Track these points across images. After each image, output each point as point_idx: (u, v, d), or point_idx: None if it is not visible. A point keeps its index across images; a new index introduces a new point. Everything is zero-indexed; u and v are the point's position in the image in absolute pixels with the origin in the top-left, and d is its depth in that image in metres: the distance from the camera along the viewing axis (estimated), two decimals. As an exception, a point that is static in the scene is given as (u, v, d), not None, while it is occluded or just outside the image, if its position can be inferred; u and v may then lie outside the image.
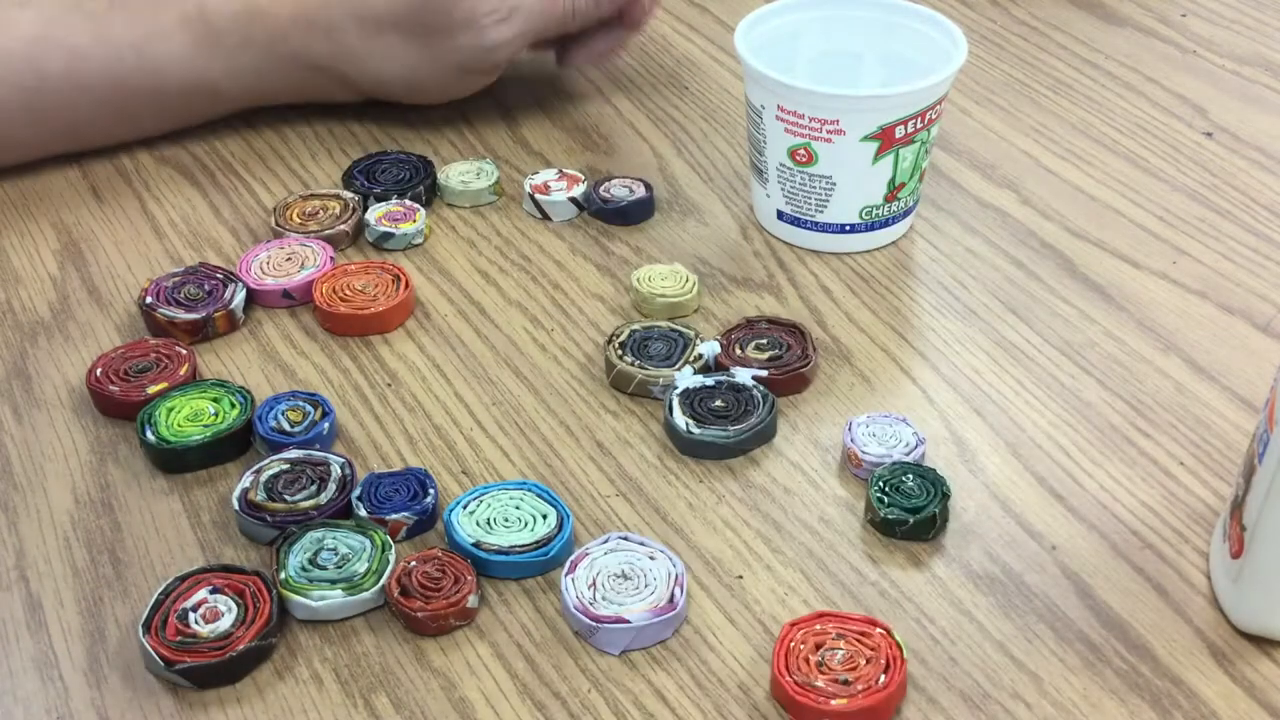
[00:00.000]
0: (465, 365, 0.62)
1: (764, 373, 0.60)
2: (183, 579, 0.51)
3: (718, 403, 0.58)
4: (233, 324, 0.64)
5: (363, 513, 0.54)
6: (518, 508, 0.54)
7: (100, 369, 0.60)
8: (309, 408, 0.58)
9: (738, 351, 0.61)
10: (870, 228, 0.68)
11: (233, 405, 0.58)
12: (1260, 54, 0.87)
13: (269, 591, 0.50)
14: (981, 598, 0.51)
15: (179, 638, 0.49)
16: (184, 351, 0.61)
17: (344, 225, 0.70)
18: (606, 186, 0.72)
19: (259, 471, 0.55)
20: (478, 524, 0.53)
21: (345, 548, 0.52)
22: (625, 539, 0.52)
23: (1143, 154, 0.77)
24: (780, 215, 0.69)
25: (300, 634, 0.50)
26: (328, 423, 0.58)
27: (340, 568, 0.51)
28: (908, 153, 0.66)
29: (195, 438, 0.56)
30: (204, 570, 0.51)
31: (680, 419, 0.57)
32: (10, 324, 0.65)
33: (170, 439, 0.57)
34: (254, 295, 0.65)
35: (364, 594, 0.50)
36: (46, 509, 0.55)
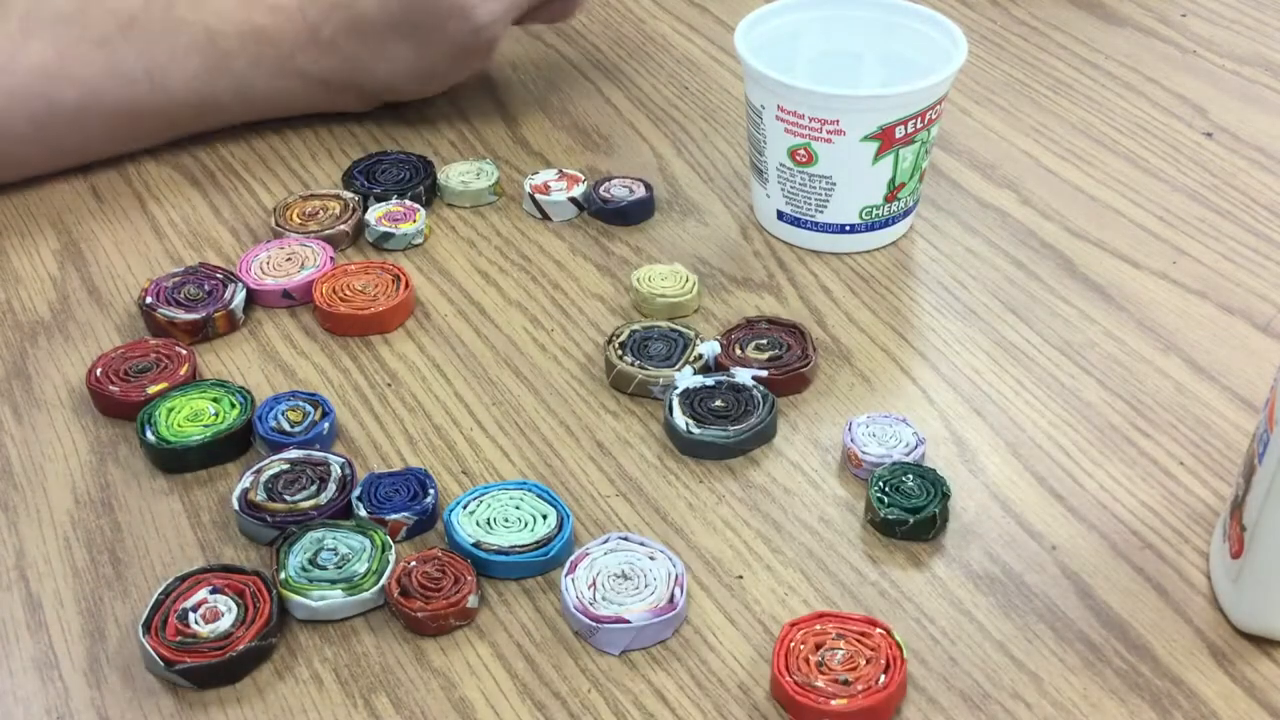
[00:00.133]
0: (465, 365, 0.62)
1: (764, 373, 0.60)
2: (183, 579, 0.51)
3: (718, 403, 0.58)
4: (233, 324, 0.64)
5: (363, 513, 0.54)
6: (518, 508, 0.54)
7: (100, 369, 0.60)
8: (309, 408, 0.58)
9: (738, 351, 0.61)
10: (870, 228, 0.68)
11: (233, 405, 0.58)
12: (1260, 54, 0.87)
13: (269, 591, 0.50)
14: (981, 598, 0.51)
15: (179, 638, 0.49)
16: (184, 351, 0.61)
17: (344, 225, 0.70)
18: (606, 186, 0.72)
19: (259, 471, 0.55)
20: (478, 524, 0.53)
21: (345, 548, 0.52)
22: (625, 539, 0.52)
23: (1143, 154, 0.77)
24: (780, 215, 0.69)
25: (300, 634, 0.50)
26: (328, 423, 0.58)
27: (340, 568, 0.51)
28: (908, 153, 0.66)
29: (195, 438, 0.56)
30: (204, 570, 0.51)
31: (680, 419, 0.57)
32: (10, 324, 0.65)
33: (170, 439, 0.57)
34: (254, 295, 0.65)
35: (364, 594, 0.50)
36: (46, 509, 0.55)
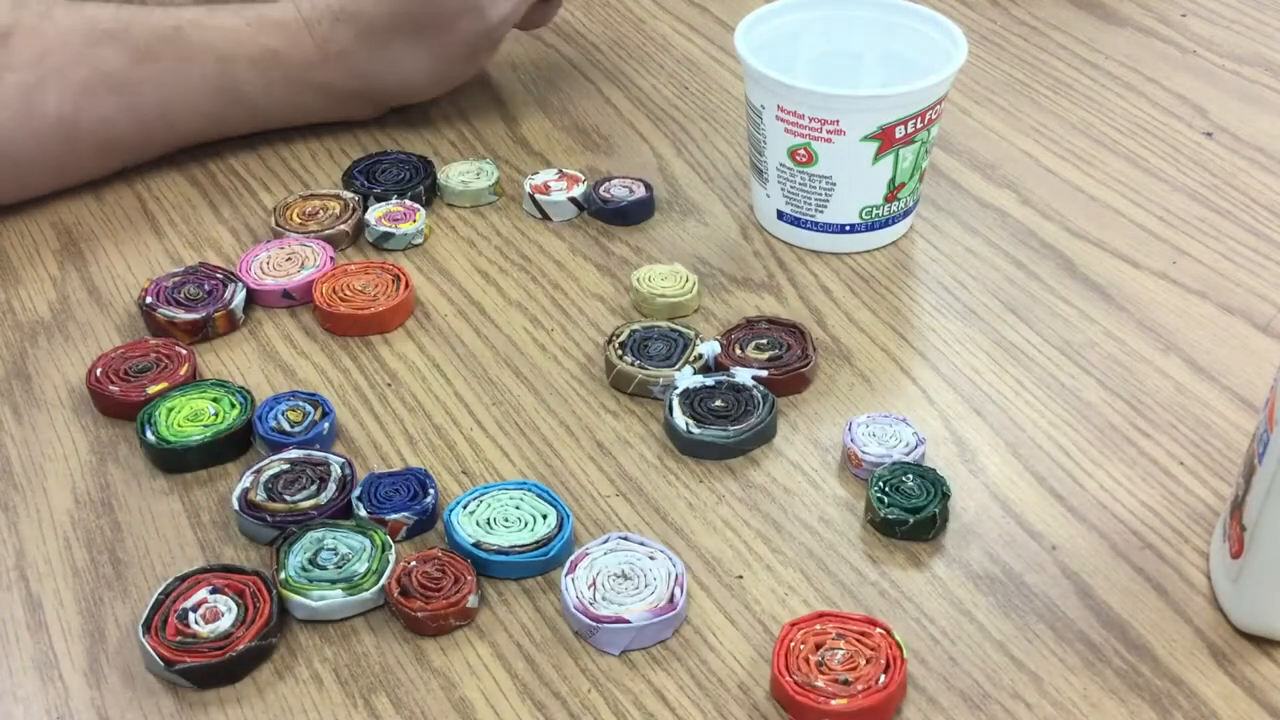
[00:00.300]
0: (465, 365, 0.62)
1: (764, 373, 0.60)
2: (183, 579, 0.51)
3: (718, 403, 0.58)
4: (233, 324, 0.64)
5: (363, 513, 0.54)
6: (518, 508, 0.54)
7: (100, 369, 0.60)
8: (309, 408, 0.58)
9: (738, 351, 0.61)
10: (870, 228, 0.68)
11: (233, 405, 0.58)
12: (1260, 54, 0.87)
13: (269, 591, 0.50)
14: (981, 598, 0.51)
15: (179, 638, 0.49)
16: (184, 351, 0.61)
17: (344, 225, 0.70)
18: (606, 186, 0.72)
19: (259, 471, 0.55)
20: (478, 524, 0.53)
21: (345, 548, 0.52)
22: (625, 539, 0.52)
23: (1143, 154, 0.77)
24: (780, 215, 0.69)
25: (300, 634, 0.50)
26: (328, 423, 0.58)
27: (340, 568, 0.51)
28: (908, 153, 0.66)
29: (195, 438, 0.56)
30: (204, 570, 0.51)
31: (680, 419, 0.57)
32: (10, 324, 0.65)
33: (170, 439, 0.57)
34: (254, 295, 0.65)
35: (364, 594, 0.50)
36: (46, 509, 0.55)
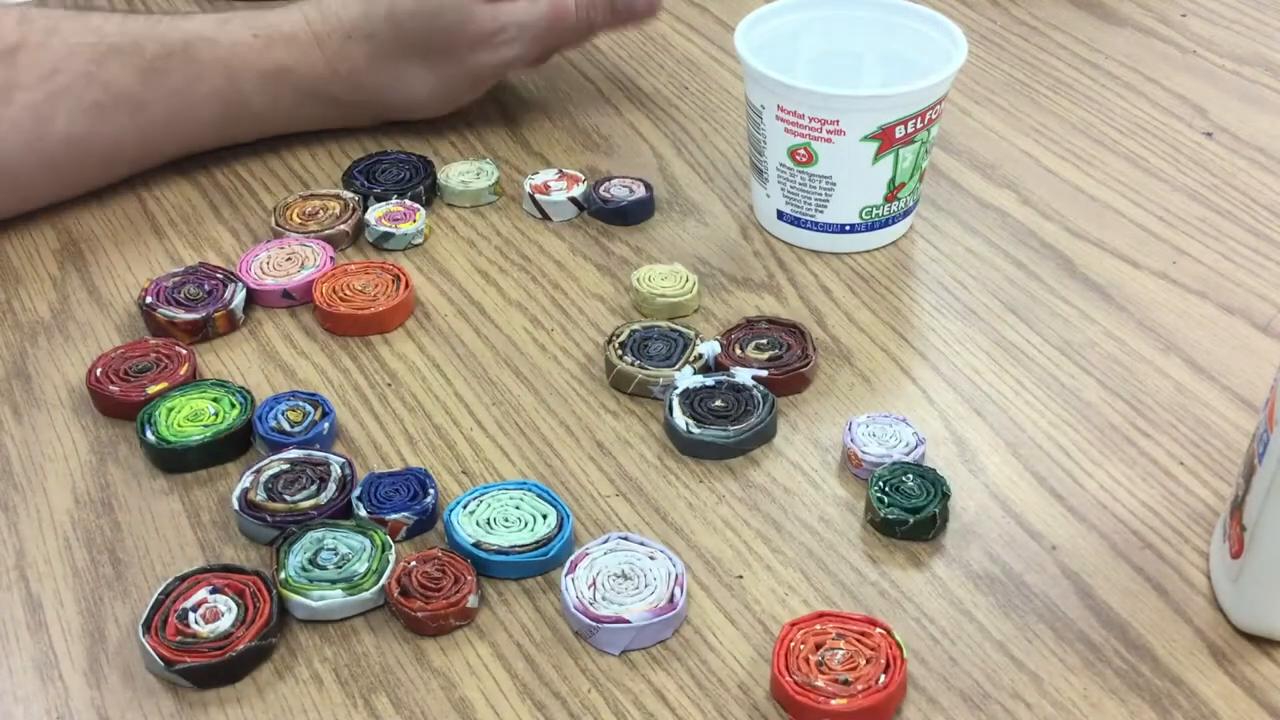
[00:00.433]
0: (465, 365, 0.62)
1: (764, 373, 0.60)
2: (183, 579, 0.51)
3: (718, 403, 0.58)
4: (233, 324, 0.64)
5: (363, 513, 0.54)
6: (518, 508, 0.54)
7: (100, 369, 0.60)
8: (309, 408, 0.58)
9: (738, 351, 0.61)
10: (870, 228, 0.68)
11: (233, 405, 0.58)
12: (1260, 54, 0.87)
13: (269, 591, 0.50)
14: (981, 598, 0.51)
15: (179, 638, 0.49)
16: (184, 351, 0.61)
17: (344, 225, 0.70)
18: (606, 186, 0.72)
19: (259, 471, 0.55)
20: (478, 524, 0.53)
21: (345, 548, 0.52)
22: (625, 539, 0.52)
23: (1143, 154, 0.77)
24: (780, 215, 0.69)
25: (300, 634, 0.50)
26: (328, 423, 0.58)
27: (340, 568, 0.51)
28: (908, 153, 0.66)
29: (195, 438, 0.56)
30: (204, 570, 0.51)
31: (680, 419, 0.57)
32: (10, 324, 0.65)
33: (170, 439, 0.57)
34: (254, 295, 0.65)
35: (364, 594, 0.50)
36: (46, 509, 0.55)
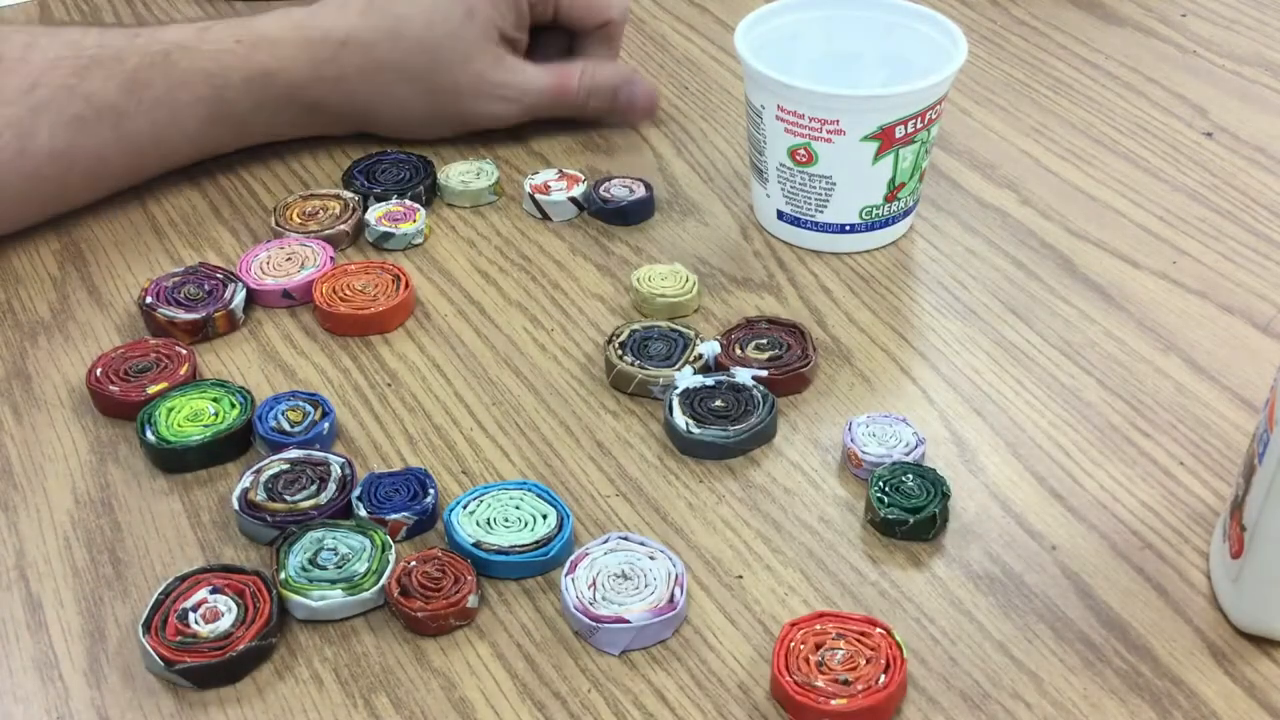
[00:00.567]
0: (465, 365, 0.62)
1: (764, 373, 0.60)
2: (183, 579, 0.51)
3: (718, 403, 0.58)
4: (233, 324, 0.64)
5: (363, 513, 0.54)
6: (518, 508, 0.54)
7: (100, 369, 0.60)
8: (309, 408, 0.58)
9: (738, 351, 0.61)
10: (870, 228, 0.68)
11: (233, 405, 0.58)
12: (1260, 54, 0.87)
13: (269, 591, 0.50)
14: (981, 598, 0.51)
15: (179, 638, 0.49)
16: (184, 351, 0.61)
17: (344, 225, 0.70)
18: (606, 186, 0.72)
19: (259, 471, 0.55)
20: (478, 524, 0.53)
21: (345, 548, 0.52)
22: (625, 539, 0.52)
23: (1143, 154, 0.77)
24: (780, 215, 0.69)
25: (300, 634, 0.50)
26: (328, 423, 0.58)
27: (340, 568, 0.51)
28: (908, 153, 0.66)
29: (195, 438, 0.56)
30: (204, 570, 0.51)
31: (680, 419, 0.57)
32: (10, 324, 0.65)
33: (170, 439, 0.57)
34: (254, 295, 0.65)
35: (364, 594, 0.50)
36: (46, 509, 0.55)
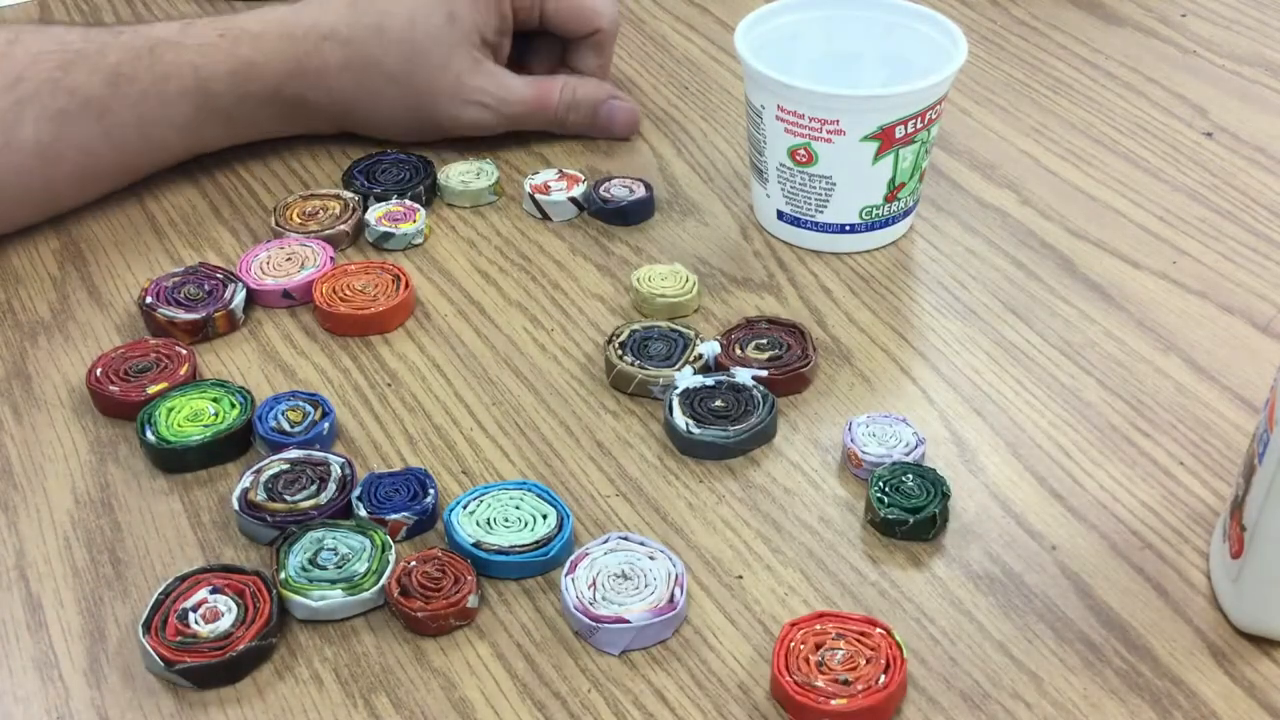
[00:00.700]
0: (465, 365, 0.62)
1: (764, 373, 0.60)
2: (183, 579, 0.51)
3: (718, 403, 0.58)
4: (233, 324, 0.64)
5: (363, 513, 0.54)
6: (518, 508, 0.54)
7: (100, 369, 0.60)
8: (309, 408, 0.58)
9: (738, 351, 0.61)
10: (870, 228, 0.68)
11: (233, 405, 0.58)
12: (1260, 54, 0.87)
13: (269, 591, 0.50)
14: (981, 598, 0.51)
15: (179, 638, 0.49)
16: (184, 351, 0.61)
17: (344, 225, 0.70)
18: (606, 186, 0.72)
19: (259, 471, 0.55)
20: (478, 524, 0.53)
21: (345, 548, 0.52)
22: (625, 539, 0.52)
23: (1143, 154, 0.77)
24: (780, 215, 0.69)
25: (300, 634, 0.50)
26: (328, 423, 0.58)
27: (340, 568, 0.51)
28: (908, 153, 0.66)
29: (195, 438, 0.56)
30: (204, 570, 0.51)
31: (680, 419, 0.57)
32: (10, 324, 0.65)
33: (170, 439, 0.57)
34: (254, 295, 0.65)
35: (364, 594, 0.50)
36: (46, 509, 0.55)
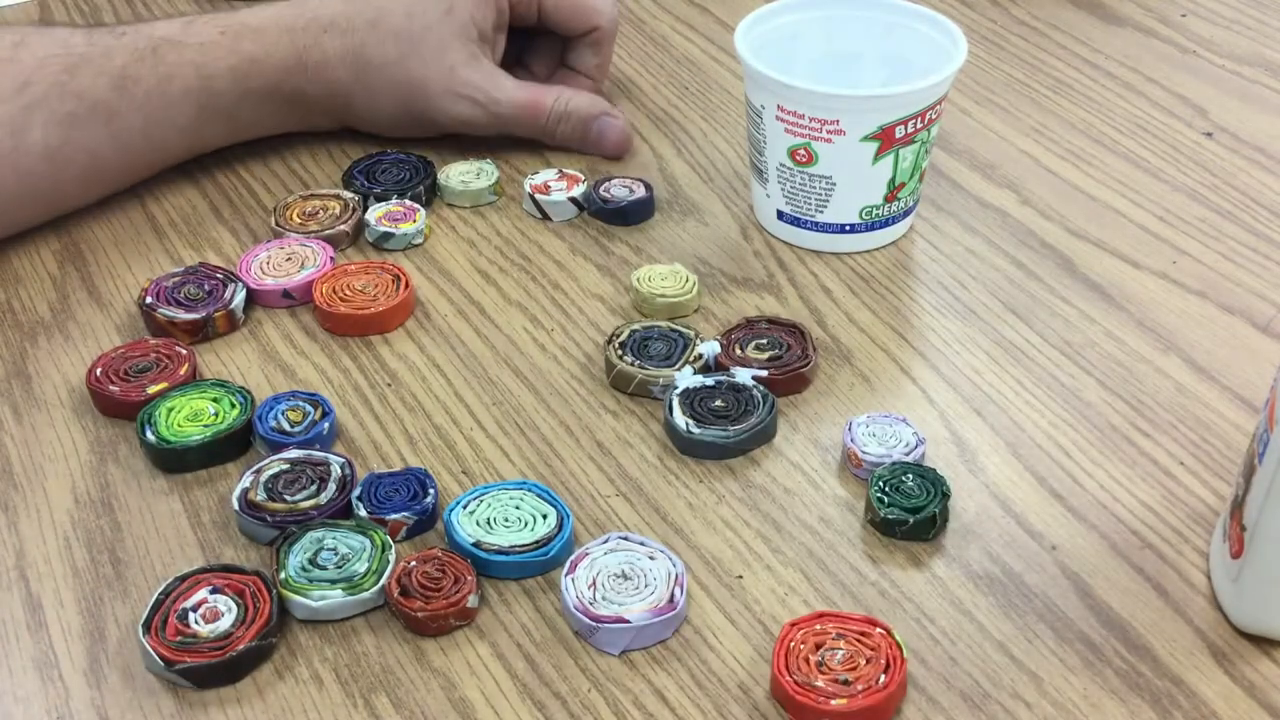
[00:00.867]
0: (465, 365, 0.62)
1: (764, 373, 0.60)
2: (183, 579, 0.51)
3: (718, 403, 0.58)
4: (233, 324, 0.64)
5: (363, 513, 0.54)
6: (518, 508, 0.54)
7: (100, 369, 0.60)
8: (309, 408, 0.58)
9: (738, 351, 0.61)
10: (870, 228, 0.68)
11: (233, 405, 0.58)
12: (1260, 54, 0.87)
13: (269, 591, 0.50)
14: (981, 598, 0.51)
15: (179, 638, 0.49)
16: (184, 351, 0.61)
17: (344, 225, 0.70)
18: (606, 186, 0.72)
19: (259, 471, 0.55)
20: (478, 524, 0.53)
21: (345, 548, 0.52)
22: (625, 539, 0.52)
23: (1143, 154, 0.77)
24: (780, 215, 0.69)
25: (300, 634, 0.50)
26: (328, 423, 0.58)
27: (340, 568, 0.51)
28: (908, 153, 0.66)
29: (195, 438, 0.56)
30: (204, 570, 0.51)
31: (680, 419, 0.57)
32: (10, 324, 0.65)
33: (170, 439, 0.57)
34: (254, 295, 0.65)
35: (364, 594, 0.50)
36: (46, 509, 0.55)
